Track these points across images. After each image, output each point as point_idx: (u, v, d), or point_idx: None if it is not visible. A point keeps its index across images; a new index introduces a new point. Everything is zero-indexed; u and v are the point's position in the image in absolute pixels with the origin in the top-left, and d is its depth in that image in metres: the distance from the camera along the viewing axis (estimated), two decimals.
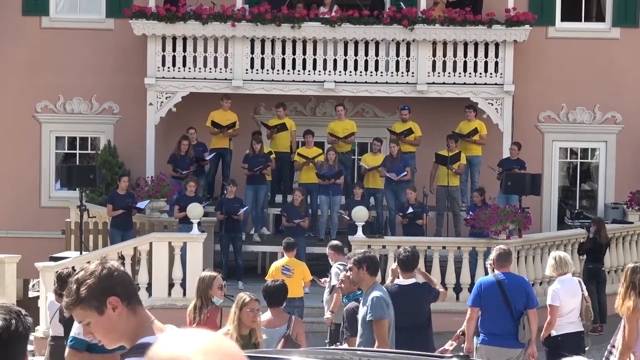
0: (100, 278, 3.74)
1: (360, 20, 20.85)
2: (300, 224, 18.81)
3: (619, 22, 22.10)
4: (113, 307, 3.74)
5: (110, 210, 18.77)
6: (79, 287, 3.74)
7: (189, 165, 20.21)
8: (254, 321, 8.77)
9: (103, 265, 3.79)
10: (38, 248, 20.34)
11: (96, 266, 3.78)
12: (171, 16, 20.74)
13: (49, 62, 22.02)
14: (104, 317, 3.74)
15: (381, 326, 8.97)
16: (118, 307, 3.74)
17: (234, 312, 8.76)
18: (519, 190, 18.51)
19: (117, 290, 3.75)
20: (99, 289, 3.73)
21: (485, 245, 17.52)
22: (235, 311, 8.75)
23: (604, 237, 17.92)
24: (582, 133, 22.34)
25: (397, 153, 19.94)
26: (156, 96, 21.01)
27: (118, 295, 3.75)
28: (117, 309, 3.74)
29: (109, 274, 3.76)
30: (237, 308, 8.75)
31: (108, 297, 3.73)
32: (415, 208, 18.87)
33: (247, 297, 8.82)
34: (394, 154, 19.93)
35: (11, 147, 22.14)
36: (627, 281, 9.71)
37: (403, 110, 20.81)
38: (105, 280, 3.75)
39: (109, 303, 3.73)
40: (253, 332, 8.76)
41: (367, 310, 8.99)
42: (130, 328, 3.78)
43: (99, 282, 3.74)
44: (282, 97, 21.26)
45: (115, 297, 3.74)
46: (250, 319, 8.72)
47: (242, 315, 8.71)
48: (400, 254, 10.48)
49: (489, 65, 21.02)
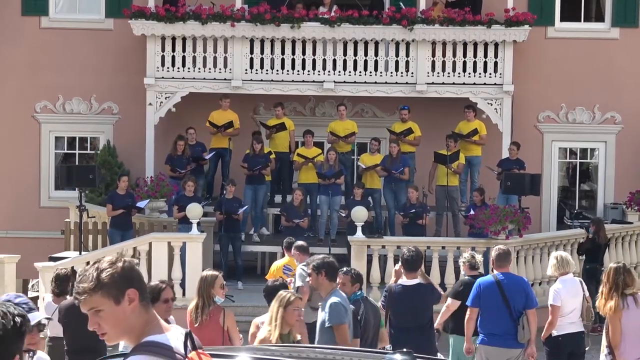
0: (124, 269, 3.79)
1: (360, 20, 20.85)
2: (299, 224, 18.81)
3: (619, 22, 22.10)
4: (130, 299, 3.76)
5: (110, 210, 18.76)
6: (100, 274, 3.76)
7: (187, 165, 20.21)
8: (298, 320, 8.57)
9: (123, 258, 3.84)
10: (37, 248, 20.34)
11: (117, 258, 3.83)
12: (170, 16, 20.74)
13: (49, 62, 22.02)
14: (119, 307, 3.76)
15: (342, 331, 8.95)
16: (135, 301, 3.77)
17: (277, 310, 8.50)
18: (518, 190, 18.50)
19: (136, 284, 3.80)
20: (121, 279, 3.76)
21: (485, 245, 17.50)
22: (279, 310, 8.50)
23: (603, 237, 17.92)
24: (582, 133, 22.34)
25: (397, 153, 19.94)
26: (155, 96, 21.02)
27: (136, 288, 3.79)
28: (133, 303, 3.77)
29: (131, 267, 3.82)
30: (282, 306, 8.49)
31: (128, 288, 3.76)
32: (416, 208, 18.86)
33: (292, 296, 8.58)
34: (393, 154, 19.93)
35: (11, 147, 22.14)
36: (609, 282, 9.79)
37: (403, 110, 20.81)
38: (127, 272, 3.79)
39: (127, 295, 3.76)
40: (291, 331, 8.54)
41: (325, 316, 8.96)
42: (139, 324, 3.80)
43: (122, 272, 3.77)
44: (282, 97, 21.26)
45: (134, 289, 3.77)
46: (294, 318, 8.50)
47: (287, 314, 8.46)
48: (404, 254, 10.45)
49: (489, 65, 21.02)
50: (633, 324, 9.68)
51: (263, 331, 8.44)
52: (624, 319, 9.68)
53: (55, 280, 11.27)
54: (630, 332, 9.70)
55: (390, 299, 10.47)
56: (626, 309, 9.68)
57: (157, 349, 3.73)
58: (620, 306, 9.66)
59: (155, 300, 7.94)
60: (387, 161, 20.06)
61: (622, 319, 9.68)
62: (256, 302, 17.88)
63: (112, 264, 3.79)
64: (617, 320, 9.68)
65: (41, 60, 22.05)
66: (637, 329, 9.73)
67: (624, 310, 9.67)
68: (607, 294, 9.72)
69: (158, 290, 8.25)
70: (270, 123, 20.83)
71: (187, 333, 3.85)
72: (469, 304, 11.17)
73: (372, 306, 10.09)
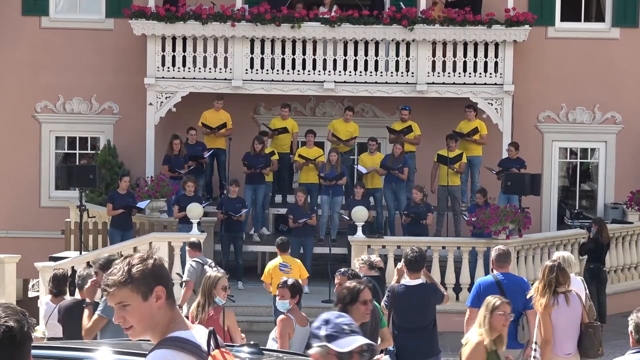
0: (154, 266, 3.83)
1: (360, 20, 20.85)
2: (307, 221, 18.77)
3: (619, 22, 22.10)
4: (158, 296, 3.81)
5: (110, 210, 18.77)
6: (132, 269, 3.80)
7: (184, 164, 20.21)
8: (505, 325, 8.22)
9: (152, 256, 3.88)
10: (38, 248, 20.34)
11: (148, 255, 3.87)
12: (171, 16, 20.74)
13: (49, 62, 22.02)
14: (146, 304, 3.80)
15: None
16: (162, 298, 3.82)
17: (484, 315, 8.15)
18: (518, 190, 18.50)
19: (164, 282, 3.85)
20: (151, 275, 3.81)
21: (485, 245, 17.52)
22: (486, 315, 8.14)
23: (605, 237, 17.92)
24: (582, 133, 22.34)
25: (399, 153, 19.93)
26: (156, 96, 21.02)
27: (164, 286, 3.84)
28: (160, 300, 3.82)
29: (161, 265, 3.88)
30: (488, 311, 8.14)
31: (157, 285, 3.81)
32: (420, 208, 18.85)
33: (498, 300, 8.23)
34: (396, 153, 19.91)
35: (11, 147, 22.14)
36: (544, 279, 9.92)
37: (404, 110, 20.81)
38: (157, 269, 3.84)
39: (155, 291, 3.81)
40: (499, 338, 8.12)
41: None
42: (164, 322, 3.84)
43: (152, 268, 3.82)
44: (282, 97, 21.26)
45: (162, 287, 3.83)
46: (501, 323, 8.14)
47: (493, 318, 8.10)
48: (407, 255, 10.42)
49: (489, 65, 21.02)
50: (563, 321, 9.86)
51: (474, 334, 8.15)
52: (553, 315, 9.85)
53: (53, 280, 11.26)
54: (560, 329, 9.88)
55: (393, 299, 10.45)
56: (556, 307, 9.84)
57: (182, 344, 3.78)
58: (551, 303, 9.84)
59: (354, 302, 7.70)
60: (389, 160, 20.06)
61: (552, 316, 9.85)
62: (257, 302, 17.92)
63: (144, 260, 3.83)
64: (547, 317, 9.85)
65: (41, 60, 22.04)
66: (567, 325, 9.90)
67: (554, 307, 9.84)
68: (541, 291, 9.89)
69: (357, 291, 7.82)
70: (274, 124, 20.81)
71: (210, 331, 3.90)
72: (469, 304, 11.17)
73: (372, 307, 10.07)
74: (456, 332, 14.35)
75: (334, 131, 20.70)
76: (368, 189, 19.81)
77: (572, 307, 9.90)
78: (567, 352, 9.97)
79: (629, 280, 19.69)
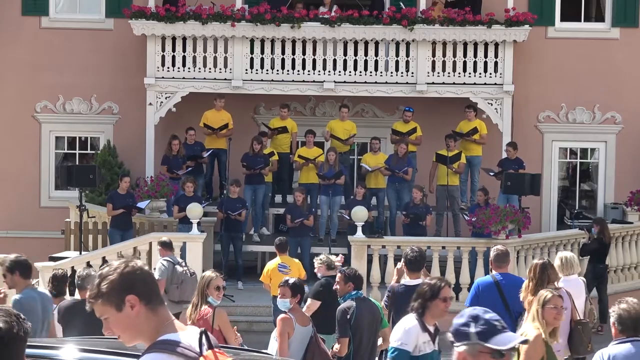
0: (122, 275, 3.78)
1: (360, 20, 20.85)
2: (304, 222, 18.78)
3: (619, 22, 22.10)
4: (131, 305, 3.76)
5: (110, 210, 18.77)
6: (101, 282, 3.78)
7: (182, 165, 20.20)
8: (556, 319, 8.18)
9: (127, 263, 3.82)
10: (38, 248, 20.29)
11: (120, 263, 3.82)
12: (171, 16, 20.74)
13: (49, 62, 22.02)
14: (122, 314, 3.77)
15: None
16: (136, 306, 3.77)
17: (537, 309, 8.15)
18: (518, 190, 18.49)
19: (138, 289, 3.78)
20: (120, 286, 3.76)
21: (485, 245, 17.51)
22: (538, 309, 8.14)
23: (608, 237, 17.88)
24: (582, 133, 22.34)
25: (404, 154, 19.93)
26: (156, 96, 21.02)
27: (137, 294, 3.77)
28: (135, 308, 3.77)
29: (132, 272, 3.80)
30: (539, 305, 8.14)
31: (127, 295, 3.76)
32: (419, 208, 18.84)
33: (549, 294, 8.22)
34: (400, 154, 19.91)
35: (11, 147, 22.14)
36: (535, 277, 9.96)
37: (407, 112, 20.80)
38: (126, 277, 3.78)
39: (127, 301, 3.76)
40: (554, 332, 8.13)
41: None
42: (150, 327, 3.80)
43: (120, 279, 3.77)
44: (282, 97, 21.27)
45: (134, 295, 3.77)
46: (552, 316, 8.12)
47: (545, 312, 8.10)
48: (407, 255, 10.41)
49: (489, 65, 21.02)
50: None
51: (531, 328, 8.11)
52: None
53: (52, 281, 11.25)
54: None
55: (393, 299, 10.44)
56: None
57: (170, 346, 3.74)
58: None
59: (434, 298, 7.78)
60: (393, 160, 20.06)
61: None
62: (257, 302, 17.92)
63: (113, 271, 3.79)
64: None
65: (41, 60, 22.05)
66: None
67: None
68: (532, 289, 9.89)
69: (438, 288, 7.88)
70: (274, 123, 20.82)
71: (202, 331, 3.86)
72: (467, 305, 11.16)
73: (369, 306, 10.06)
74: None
75: (332, 131, 20.69)
76: (371, 189, 19.80)
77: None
78: (556, 349, 10.00)
79: (629, 280, 19.68)
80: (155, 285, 3.89)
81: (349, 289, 10.04)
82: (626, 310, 7.09)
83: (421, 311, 7.73)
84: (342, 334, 9.74)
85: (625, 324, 7.08)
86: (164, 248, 15.11)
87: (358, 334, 9.78)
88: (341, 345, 9.73)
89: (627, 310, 7.09)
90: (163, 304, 3.87)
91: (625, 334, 7.10)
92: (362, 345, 9.82)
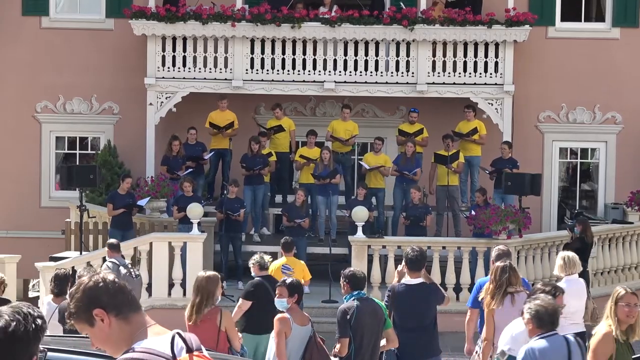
0: (85, 292, 3.77)
1: (360, 20, 20.84)
2: (300, 224, 18.80)
3: (619, 22, 22.10)
4: (100, 318, 3.75)
5: (111, 210, 18.77)
6: (70, 302, 3.81)
7: (182, 165, 20.19)
8: (629, 316, 8.01)
9: (90, 277, 3.81)
10: (38, 248, 20.34)
11: (84, 279, 3.82)
12: (171, 16, 20.74)
13: (49, 62, 22.02)
14: (95, 328, 3.77)
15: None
16: (105, 319, 3.75)
17: (610, 306, 8.01)
18: (518, 190, 18.48)
19: (103, 302, 3.76)
20: (85, 302, 3.77)
21: (485, 245, 17.52)
22: (611, 306, 8.00)
23: (590, 237, 17.77)
24: (582, 133, 22.34)
25: (412, 154, 19.93)
26: (156, 96, 21.02)
27: (103, 306, 3.75)
28: (105, 320, 3.75)
29: (94, 286, 3.78)
30: (613, 302, 7.99)
31: (94, 309, 3.75)
32: (418, 209, 18.83)
33: (622, 291, 8.06)
34: (408, 154, 19.91)
35: (11, 147, 22.14)
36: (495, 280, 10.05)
37: (413, 112, 20.80)
38: (89, 293, 3.77)
39: (95, 315, 3.75)
40: (630, 329, 7.96)
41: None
42: (123, 337, 3.78)
43: (83, 295, 3.78)
44: (282, 97, 21.27)
45: (99, 309, 3.75)
46: (625, 314, 7.96)
47: (618, 309, 7.95)
48: (408, 254, 10.42)
49: (489, 65, 21.02)
50: (506, 321, 9.87)
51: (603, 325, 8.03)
52: (497, 316, 9.91)
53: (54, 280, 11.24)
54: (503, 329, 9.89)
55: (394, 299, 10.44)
56: (501, 307, 9.89)
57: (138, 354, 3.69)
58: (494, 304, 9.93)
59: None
60: (401, 161, 20.06)
61: (496, 316, 9.92)
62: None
63: (78, 288, 3.80)
64: (490, 317, 9.98)
65: (42, 60, 22.05)
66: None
67: (499, 308, 9.90)
68: (491, 291, 9.97)
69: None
70: (270, 124, 20.83)
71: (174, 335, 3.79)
72: (469, 305, 11.17)
73: (371, 307, 10.04)
74: (457, 332, 14.38)
75: (334, 132, 20.69)
76: (370, 189, 19.79)
77: (518, 307, 9.89)
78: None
79: (629, 280, 19.65)
80: (123, 294, 3.81)
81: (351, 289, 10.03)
82: (542, 306, 7.50)
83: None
84: (342, 335, 9.73)
85: (543, 320, 7.45)
86: (111, 250, 15.27)
87: (359, 334, 9.77)
88: (341, 345, 9.72)
89: (543, 306, 7.50)
90: (137, 311, 3.82)
91: (542, 329, 7.45)
92: (363, 345, 9.80)
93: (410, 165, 19.92)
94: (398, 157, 20.33)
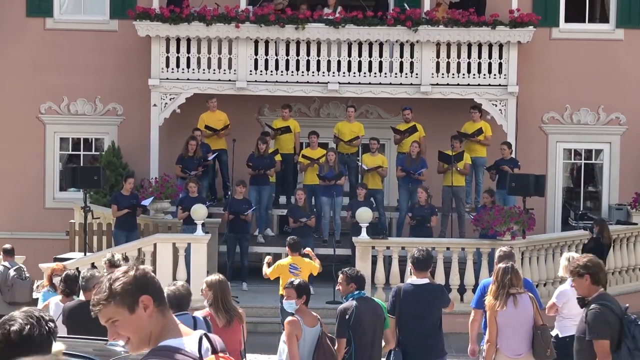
0: (135, 277, 3.82)
1: (364, 21, 20.85)
2: (306, 222, 18.78)
3: (623, 23, 22.08)
4: (145, 306, 3.79)
5: (115, 211, 18.78)
6: (113, 284, 3.80)
7: (197, 166, 20.17)
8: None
9: (137, 266, 3.88)
10: (42, 249, 20.35)
11: (129, 267, 3.87)
12: (175, 17, 20.76)
13: (53, 63, 22.04)
14: (134, 315, 3.79)
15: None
16: (149, 307, 3.80)
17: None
18: (522, 191, 18.47)
19: (150, 290, 3.83)
20: (133, 286, 3.80)
21: (490, 246, 17.51)
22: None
23: (606, 238, 17.86)
24: (586, 134, 22.32)
25: (417, 154, 19.92)
26: (160, 97, 21.03)
27: (150, 294, 3.81)
28: (149, 309, 3.80)
29: (143, 274, 3.85)
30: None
31: (141, 295, 3.79)
32: (424, 210, 18.81)
33: None
34: (413, 154, 19.91)
35: (15, 148, 22.16)
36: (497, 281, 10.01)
37: (405, 110, 20.80)
38: (139, 279, 3.83)
39: (141, 302, 3.79)
40: None
41: None
42: (157, 330, 3.82)
43: (133, 280, 3.81)
44: (286, 98, 21.27)
45: (147, 296, 3.80)
46: None
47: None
48: (414, 253, 10.44)
49: (493, 66, 21.01)
50: (508, 322, 9.90)
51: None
52: (499, 317, 9.89)
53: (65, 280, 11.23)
54: (507, 330, 9.90)
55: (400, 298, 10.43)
56: (503, 308, 9.88)
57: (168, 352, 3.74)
58: (497, 305, 9.89)
59: None
60: (407, 161, 20.05)
61: (498, 317, 9.90)
62: (261, 303, 17.93)
63: (125, 273, 3.83)
64: (493, 318, 9.94)
65: (46, 61, 22.06)
66: (514, 326, 9.91)
67: (501, 309, 9.87)
68: (494, 293, 9.95)
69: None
70: (277, 124, 20.82)
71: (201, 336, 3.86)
72: (473, 306, 11.17)
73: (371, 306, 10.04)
74: (461, 333, 14.38)
75: (339, 134, 20.68)
76: (369, 190, 19.78)
77: (521, 308, 9.89)
78: (518, 352, 10.02)
79: (633, 281, 19.65)
80: (162, 288, 3.92)
81: (351, 289, 10.02)
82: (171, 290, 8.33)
83: None
84: (339, 335, 9.74)
85: (171, 303, 7.80)
86: (5, 254, 16.30)
87: (358, 334, 9.77)
88: (338, 345, 9.71)
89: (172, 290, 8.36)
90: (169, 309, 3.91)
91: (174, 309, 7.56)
92: (363, 344, 9.80)
93: (415, 166, 19.91)
94: (403, 157, 20.30)
